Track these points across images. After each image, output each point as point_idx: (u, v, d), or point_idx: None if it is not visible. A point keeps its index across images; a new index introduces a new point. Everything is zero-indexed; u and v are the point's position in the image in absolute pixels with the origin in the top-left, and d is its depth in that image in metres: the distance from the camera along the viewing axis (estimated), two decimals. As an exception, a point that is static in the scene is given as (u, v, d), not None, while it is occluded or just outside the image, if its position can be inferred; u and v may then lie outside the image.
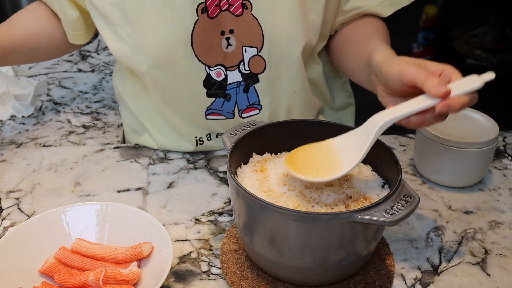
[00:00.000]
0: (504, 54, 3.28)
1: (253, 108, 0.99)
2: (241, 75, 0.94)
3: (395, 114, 0.67)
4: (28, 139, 1.08)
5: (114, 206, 0.80)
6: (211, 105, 0.97)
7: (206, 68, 0.92)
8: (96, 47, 1.52)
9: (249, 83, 0.96)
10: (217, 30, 0.90)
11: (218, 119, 0.98)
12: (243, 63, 0.93)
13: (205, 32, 0.89)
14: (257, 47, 0.92)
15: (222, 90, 0.95)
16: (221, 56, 0.92)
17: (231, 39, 0.91)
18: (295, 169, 0.69)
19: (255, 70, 0.94)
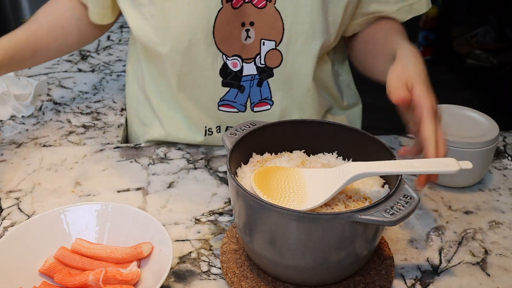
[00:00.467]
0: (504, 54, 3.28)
1: (265, 103, 1.00)
2: (256, 68, 0.96)
3: (372, 169, 0.68)
4: (28, 139, 1.08)
5: (114, 206, 0.80)
6: (224, 96, 0.98)
7: (224, 57, 0.94)
8: (96, 47, 1.52)
9: (263, 77, 0.97)
10: (239, 21, 0.91)
11: (230, 112, 1.00)
12: (260, 56, 0.95)
13: (227, 21, 0.90)
14: (276, 41, 0.93)
15: (237, 81, 0.97)
16: (239, 47, 0.93)
17: (250, 31, 0.92)
18: (262, 188, 0.69)
19: (271, 64, 0.95)
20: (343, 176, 0.68)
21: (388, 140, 1.06)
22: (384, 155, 0.73)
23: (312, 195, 0.69)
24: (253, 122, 0.80)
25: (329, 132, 0.80)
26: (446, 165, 0.68)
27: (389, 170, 0.68)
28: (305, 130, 0.80)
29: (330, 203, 0.70)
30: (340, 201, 0.70)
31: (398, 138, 1.07)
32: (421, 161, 0.68)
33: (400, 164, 0.68)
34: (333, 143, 0.80)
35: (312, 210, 0.68)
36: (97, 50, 1.50)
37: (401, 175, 0.67)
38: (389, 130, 1.13)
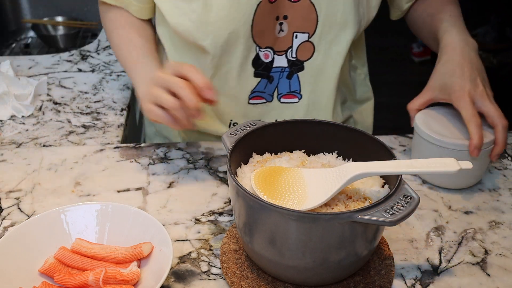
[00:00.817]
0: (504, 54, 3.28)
1: (293, 96, 1.03)
2: (287, 61, 0.99)
3: (372, 169, 0.68)
4: (28, 139, 1.08)
5: (114, 206, 0.80)
6: (256, 87, 1.01)
7: (257, 48, 0.97)
8: (96, 47, 1.52)
9: (294, 71, 1.00)
10: (274, 15, 0.94)
11: (259, 103, 1.03)
12: (291, 49, 0.98)
13: (263, 15, 0.93)
14: (309, 33, 0.96)
15: (267, 71, 1.00)
16: (272, 39, 0.97)
17: (283, 24, 0.95)
18: (262, 188, 0.69)
19: (302, 57, 0.98)
20: (343, 176, 0.68)
21: (388, 140, 1.06)
22: (384, 155, 0.73)
23: (312, 195, 0.69)
24: (253, 122, 0.80)
25: (329, 132, 0.80)
26: (446, 165, 0.68)
27: (389, 170, 0.68)
28: (305, 130, 0.80)
29: (330, 203, 0.70)
30: (340, 201, 0.70)
31: (398, 138, 1.07)
32: (421, 161, 0.68)
33: (400, 164, 0.68)
34: (333, 143, 0.80)
35: (312, 210, 0.68)
36: (97, 50, 1.50)
37: (401, 175, 0.67)
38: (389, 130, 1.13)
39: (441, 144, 0.88)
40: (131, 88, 1.29)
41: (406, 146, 1.05)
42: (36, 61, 1.41)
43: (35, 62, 1.40)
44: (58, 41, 1.77)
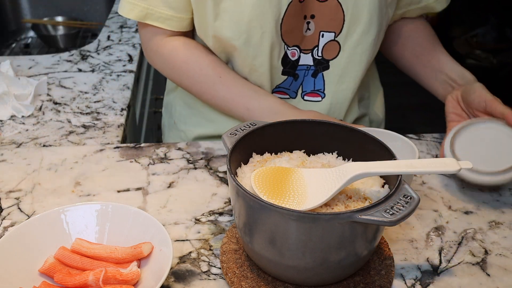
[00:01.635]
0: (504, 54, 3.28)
1: (317, 95, 1.04)
2: (313, 60, 1.00)
3: (372, 169, 0.68)
4: (28, 139, 1.08)
5: (114, 206, 0.80)
6: (281, 83, 1.02)
7: (285, 47, 0.98)
8: (96, 47, 1.52)
9: (319, 69, 1.02)
10: (302, 14, 0.95)
11: (282, 98, 1.03)
12: (318, 48, 0.99)
13: (293, 14, 0.94)
14: (335, 32, 0.97)
15: (293, 69, 1.01)
16: (300, 38, 0.98)
17: (310, 23, 0.96)
18: (262, 188, 0.69)
19: (328, 56, 1.00)
20: (343, 176, 0.68)
21: (388, 140, 1.06)
22: (384, 155, 0.73)
23: (312, 195, 0.69)
24: (253, 122, 0.80)
25: (329, 132, 0.80)
26: (446, 165, 0.68)
27: (389, 170, 0.68)
28: (305, 130, 0.80)
29: (330, 203, 0.70)
30: (340, 201, 0.70)
31: (398, 138, 1.07)
32: (421, 161, 0.68)
33: (400, 164, 0.68)
34: (333, 143, 0.80)
35: (312, 210, 0.68)
36: (97, 50, 1.50)
37: (401, 175, 0.67)
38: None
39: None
40: (131, 88, 1.29)
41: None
42: (36, 61, 1.41)
43: (35, 62, 1.40)
44: (58, 41, 1.77)
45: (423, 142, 1.06)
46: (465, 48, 3.41)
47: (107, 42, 1.55)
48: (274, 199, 0.68)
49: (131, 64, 1.41)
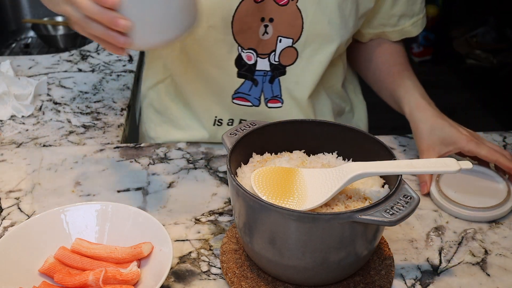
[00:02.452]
0: (504, 54, 3.28)
1: (276, 101, 1.02)
2: (269, 65, 0.97)
3: (372, 169, 0.68)
4: (28, 139, 1.08)
5: (114, 206, 0.80)
6: (239, 88, 0.99)
7: (239, 49, 0.95)
8: (96, 47, 1.52)
9: (276, 75, 0.99)
10: (259, 15, 0.92)
11: (244, 105, 1.01)
12: (275, 53, 0.96)
13: (247, 14, 0.91)
14: (293, 39, 0.94)
15: (251, 73, 0.98)
16: (256, 41, 0.95)
17: (269, 27, 0.93)
18: (262, 188, 0.69)
19: (285, 62, 0.97)
20: (343, 176, 0.68)
21: (388, 140, 1.06)
22: (384, 155, 0.73)
23: (312, 195, 0.69)
24: (253, 122, 0.80)
25: (329, 132, 0.80)
26: (447, 165, 0.68)
27: (389, 170, 0.68)
28: (305, 130, 0.80)
29: (330, 203, 0.70)
30: (340, 201, 0.70)
31: (398, 138, 1.07)
32: (421, 161, 0.68)
33: (400, 164, 0.68)
34: (333, 143, 0.80)
35: (312, 210, 0.68)
36: (97, 50, 1.50)
37: (401, 175, 0.67)
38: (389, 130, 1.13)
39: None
40: (131, 88, 1.29)
41: (406, 146, 1.05)
42: (36, 61, 1.41)
43: (35, 62, 1.40)
44: (58, 41, 1.77)
45: (423, 142, 1.06)
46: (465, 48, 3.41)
47: (107, 42, 1.55)
48: (274, 199, 0.68)
49: (131, 64, 1.41)
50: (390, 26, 1.04)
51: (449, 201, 0.87)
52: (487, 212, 0.85)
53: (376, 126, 1.24)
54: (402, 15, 1.02)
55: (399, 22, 1.03)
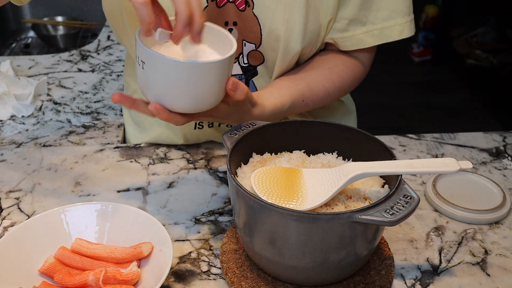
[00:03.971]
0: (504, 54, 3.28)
1: None
2: (241, 68, 0.96)
3: (372, 169, 0.68)
4: (28, 139, 1.08)
5: (114, 206, 0.80)
6: None
7: None
8: (96, 47, 1.52)
9: (249, 77, 0.97)
10: (222, 20, 0.91)
11: None
12: (242, 55, 0.94)
13: (210, 19, 0.88)
14: (256, 44, 0.92)
15: None
16: None
17: (233, 31, 0.91)
18: (262, 188, 0.69)
19: (254, 62, 0.95)
20: (343, 176, 0.68)
21: (388, 140, 1.06)
22: (384, 155, 0.73)
23: (312, 195, 0.69)
24: (253, 122, 0.80)
25: (329, 132, 0.80)
26: (447, 165, 0.68)
27: (389, 170, 0.68)
28: (305, 130, 0.80)
29: (330, 203, 0.70)
30: (340, 201, 0.70)
31: (398, 138, 1.07)
32: (421, 161, 0.68)
33: (400, 164, 0.68)
34: (333, 143, 0.80)
35: (312, 210, 0.68)
36: (97, 50, 1.50)
37: (401, 175, 0.67)
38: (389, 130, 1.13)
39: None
40: (131, 88, 1.29)
41: (406, 146, 1.05)
42: (36, 61, 1.41)
43: (35, 62, 1.40)
44: (58, 41, 1.77)
45: (423, 142, 1.06)
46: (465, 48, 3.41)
47: (107, 42, 1.55)
48: (274, 199, 0.68)
49: (131, 64, 1.41)
50: (339, 31, 0.93)
51: (447, 203, 0.87)
52: (484, 214, 0.85)
53: (376, 126, 1.24)
54: (353, 19, 0.92)
55: (348, 27, 0.93)
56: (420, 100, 3.10)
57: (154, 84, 0.72)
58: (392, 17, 0.92)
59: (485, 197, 0.90)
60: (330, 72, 0.95)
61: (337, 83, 0.96)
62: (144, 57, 0.71)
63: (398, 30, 0.93)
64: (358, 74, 0.99)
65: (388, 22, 0.92)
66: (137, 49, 0.72)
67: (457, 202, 0.87)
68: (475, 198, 0.89)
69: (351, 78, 0.97)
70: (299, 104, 0.92)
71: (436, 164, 0.68)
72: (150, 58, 0.70)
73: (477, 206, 0.86)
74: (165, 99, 0.73)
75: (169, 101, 0.73)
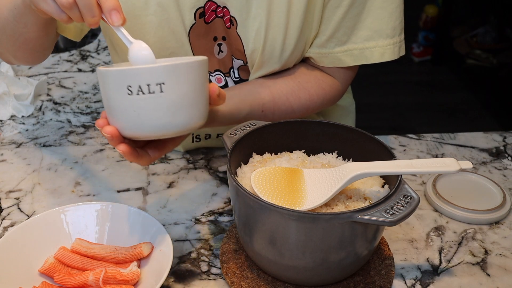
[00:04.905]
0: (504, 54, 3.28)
1: None
2: (234, 82, 0.94)
3: (372, 169, 0.68)
4: (28, 139, 1.08)
5: (114, 206, 0.80)
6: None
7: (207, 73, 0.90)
8: (96, 47, 1.52)
9: None
10: (211, 35, 0.89)
11: None
12: (233, 69, 0.92)
13: (199, 36, 0.88)
14: (243, 60, 0.90)
15: None
16: (216, 61, 0.91)
17: (222, 45, 0.90)
18: (262, 188, 0.69)
19: (244, 76, 0.93)
20: (343, 176, 0.68)
21: (388, 140, 1.06)
22: (384, 155, 0.73)
23: (312, 195, 0.69)
24: (253, 122, 0.80)
25: (329, 132, 0.80)
26: (447, 165, 0.68)
27: (389, 170, 0.68)
28: (305, 130, 0.80)
29: (330, 203, 0.70)
30: (340, 201, 0.70)
31: (398, 138, 1.07)
32: (421, 161, 0.68)
33: (400, 164, 0.68)
34: (333, 143, 0.80)
35: (312, 210, 0.68)
36: (97, 50, 1.50)
37: (401, 175, 0.67)
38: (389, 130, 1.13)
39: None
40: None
41: (406, 146, 1.05)
42: (36, 61, 1.41)
43: (35, 62, 1.40)
44: (58, 41, 1.76)
45: (423, 142, 1.06)
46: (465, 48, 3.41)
47: (107, 42, 1.55)
48: (274, 199, 0.68)
49: (131, 64, 1.41)
50: (317, 47, 0.89)
51: (447, 203, 0.87)
52: (484, 214, 0.85)
53: (376, 126, 1.24)
54: (332, 36, 0.88)
55: (326, 44, 0.88)
56: (420, 100, 3.09)
57: (105, 103, 0.68)
58: (373, 37, 0.87)
59: (485, 197, 0.90)
60: (299, 87, 0.91)
61: (304, 100, 0.91)
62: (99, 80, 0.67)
63: (378, 52, 0.88)
64: (330, 95, 0.94)
65: (369, 42, 0.87)
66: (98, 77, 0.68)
67: (457, 202, 0.87)
68: (475, 198, 0.89)
69: (321, 98, 0.92)
70: (258, 113, 0.89)
71: (436, 164, 0.68)
72: (98, 76, 0.67)
73: (477, 206, 0.86)
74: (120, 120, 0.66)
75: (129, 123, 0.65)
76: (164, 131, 0.66)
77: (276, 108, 0.90)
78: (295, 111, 0.92)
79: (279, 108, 0.90)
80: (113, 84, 0.64)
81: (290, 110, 0.91)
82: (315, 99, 0.92)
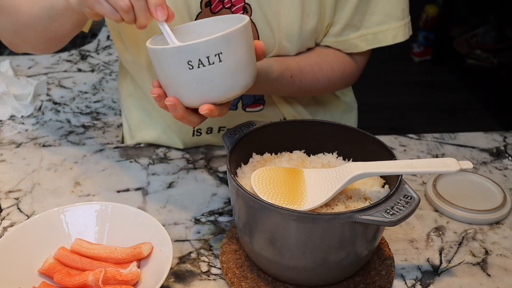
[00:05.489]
0: (504, 54, 3.28)
1: (258, 104, 1.00)
2: None
3: (372, 169, 0.68)
4: (28, 139, 1.07)
5: (114, 206, 0.80)
6: None
7: None
8: (96, 47, 1.52)
9: None
10: None
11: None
12: None
13: None
14: None
15: None
16: None
17: None
18: (262, 188, 0.69)
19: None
20: (343, 176, 0.68)
21: (388, 140, 1.06)
22: (384, 155, 0.73)
23: (312, 195, 0.69)
24: (253, 122, 0.80)
25: (329, 132, 0.80)
26: (447, 165, 0.68)
27: (389, 170, 0.68)
28: (305, 130, 0.80)
29: (330, 203, 0.70)
30: (340, 201, 0.70)
31: (398, 138, 1.07)
32: (421, 161, 0.68)
33: (400, 164, 0.68)
34: (333, 143, 0.80)
35: (312, 210, 0.68)
36: (97, 50, 1.49)
37: (401, 175, 0.67)
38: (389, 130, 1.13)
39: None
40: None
41: (406, 146, 1.05)
42: (36, 61, 1.41)
43: (34, 62, 1.40)
44: (58, 41, 1.76)
45: (423, 142, 1.06)
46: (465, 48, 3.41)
47: (106, 42, 1.55)
48: (274, 199, 0.68)
49: (131, 64, 1.41)
50: (333, 36, 0.93)
51: (447, 203, 0.87)
52: (485, 214, 0.85)
53: (376, 126, 1.24)
54: (347, 24, 0.91)
55: (342, 32, 0.92)
56: (420, 100, 3.09)
57: (162, 79, 0.71)
58: (385, 21, 0.91)
59: (485, 197, 0.90)
60: (321, 59, 0.94)
61: (326, 71, 0.94)
62: (151, 56, 0.70)
63: (391, 34, 0.92)
64: (349, 71, 0.97)
65: (382, 26, 0.91)
66: (149, 53, 0.70)
67: (457, 202, 0.87)
68: (475, 198, 0.89)
69: (341, 71, 0.96)
70: (287, 79, 0.91)
71: (437, 164, 0.68)
72: (151, 54, 0.69)
73: (477, 206, 0.86)
74: (181, 92, 0.69)
75: (187, 93, 0.69)
76: (227, 96, 0.70)
77: (302, 76, 0.92)
78: (319, 81, 0.94)
79: (305, 77, 0.93)
80: (172, 60, 0.67)
81: (315, 80, 0.94)
82: (335, 70, 0.95)
